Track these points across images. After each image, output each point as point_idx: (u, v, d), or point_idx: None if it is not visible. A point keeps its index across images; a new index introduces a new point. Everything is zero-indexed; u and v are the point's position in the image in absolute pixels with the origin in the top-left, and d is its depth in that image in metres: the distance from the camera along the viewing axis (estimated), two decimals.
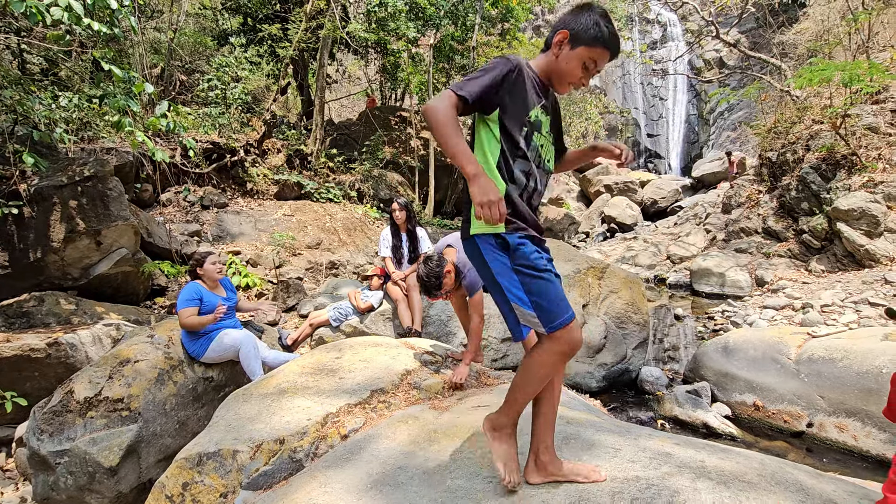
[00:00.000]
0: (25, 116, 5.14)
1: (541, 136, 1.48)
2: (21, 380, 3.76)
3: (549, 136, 1.54)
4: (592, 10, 1.41)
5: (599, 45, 1.40)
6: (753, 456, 1.79)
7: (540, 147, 1.48)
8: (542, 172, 1.50)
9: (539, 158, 1.49)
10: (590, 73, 1.45)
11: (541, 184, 1.50)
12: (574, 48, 1.41)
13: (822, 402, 3.68)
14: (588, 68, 1.43)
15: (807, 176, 7.51)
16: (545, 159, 1.52)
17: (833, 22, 10.51)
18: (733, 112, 20.83)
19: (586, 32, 1.39)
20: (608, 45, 1.40)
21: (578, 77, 1.44)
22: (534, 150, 1.46)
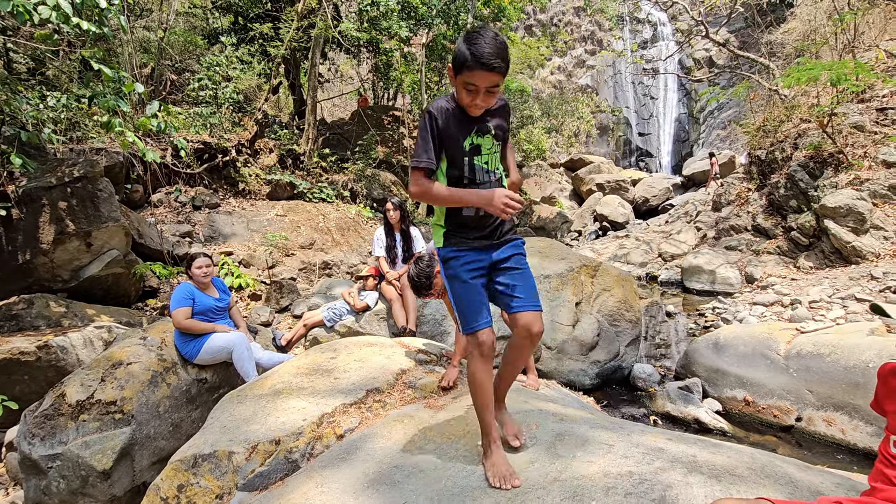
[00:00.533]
0: (12, 117, 5.07)
1: (482, 156, 1.64)
2: (11, 383, 3.72)
3: (494, 149, 1.67)
4: (462, 37, 1.49)
5: (466, 69, 1.46)
6: (744, 450, 1.82)
7: (485, 164, 1.65)
8: (494, 184, 1.67)
9: (487, 174, 1.66)
10: (476, 93, 1.50)
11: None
12: (456, 77, 1.52)
13: (810, 397, 3.74)
14: (471, 91, 1.50)
15: (795, 174, 7.61)
16: (493, 171, 1.68)
17: (820, 22, 10.65)
18: (723, 111, 21.04)
19: (456, 60, 1.49)
20: (472, 63, 1.45)
21: (468, 101, 1.53)
22: (479, 171, 1.64)
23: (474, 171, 1.63)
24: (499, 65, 1.44)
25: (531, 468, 1.62)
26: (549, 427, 1.90)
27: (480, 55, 1.43)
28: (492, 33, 1.47)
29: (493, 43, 1.45)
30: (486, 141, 1.63)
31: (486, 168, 1.65)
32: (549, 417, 2.00)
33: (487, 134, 1.63)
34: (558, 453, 1.68)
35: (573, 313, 4.69)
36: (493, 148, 1.65)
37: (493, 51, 1.44)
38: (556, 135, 14.97)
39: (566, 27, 26.76)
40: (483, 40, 1.45)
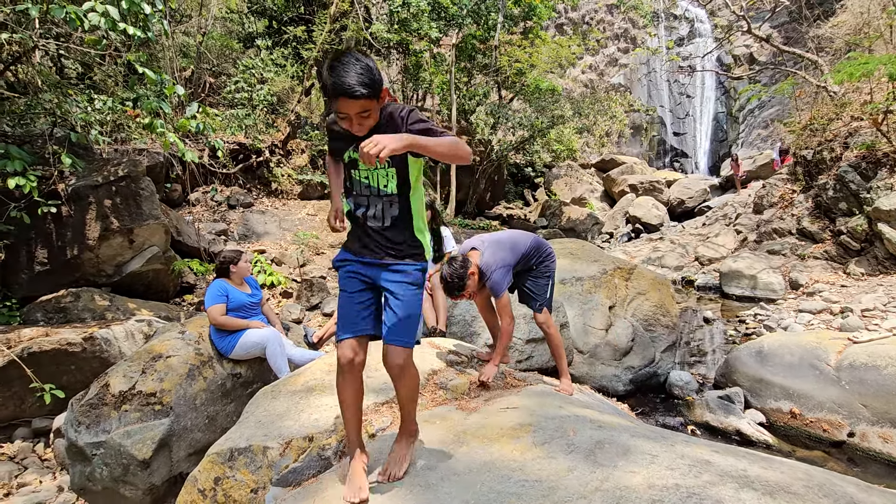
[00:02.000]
0: (63, 119, 5.33)
1: (360, 171, 1.63)
2: (59, 373, 3.89)
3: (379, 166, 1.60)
4: (326, 65, 1.43)
5: (332, 99, 1.44)
6: (798, 466, 1.70)
7: (365, 179, 1.63)
8: (374, 199, 1.64)
9: (367, 190, 1.64)
10: (349, 120, 1.47)
11: (375, 208, 1.64)
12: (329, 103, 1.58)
13: (864, 411, 3.52)
14: (343, 118, 1.48)
15: (845, 175, 7.20)
16: (375, 187, 1.63)
17: (873, 14, 10.07)
18: (765, 109, 20.19)
19: (323, 89, 1.46)
20: (333, 93, 1.41)
21: (346, 126, 1.50)
22: (357, 184, 1.65)
23: (353, 183, 1.66)
24: (362, 92, 1.39)
25: (570, 476, 1.56)
26: (586, 434, 1.83)
27: (341, 84, 1.38)
28: (353, 58, 1.41)
29: (353, 69, 1.39)
30: None
31: (365, 183, 1.62)
32: (586, 424, 1.93)
33: None
34: (598, 462, 1.61)
35: (606, 317, 4.57)
36: (371, 169, 1.61)
37: (356, 78, 1.38)
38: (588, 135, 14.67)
39: (598, 25, 26.27)
40: (343, 68, 1.39)
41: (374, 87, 1.42)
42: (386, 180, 1.61)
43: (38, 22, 4.37)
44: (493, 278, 2.67)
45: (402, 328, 1.61)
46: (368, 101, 1.43)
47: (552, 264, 2.95)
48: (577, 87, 23.51)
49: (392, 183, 1.62)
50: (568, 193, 17.47)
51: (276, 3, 12.07)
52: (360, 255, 1.67)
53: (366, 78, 1.40)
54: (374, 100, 1.44)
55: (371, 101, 1.43)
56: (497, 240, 2.84)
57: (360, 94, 1.40)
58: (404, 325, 1.61)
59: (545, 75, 15.22)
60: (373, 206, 1.63)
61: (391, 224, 1.64)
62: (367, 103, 1.43)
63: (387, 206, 1.63)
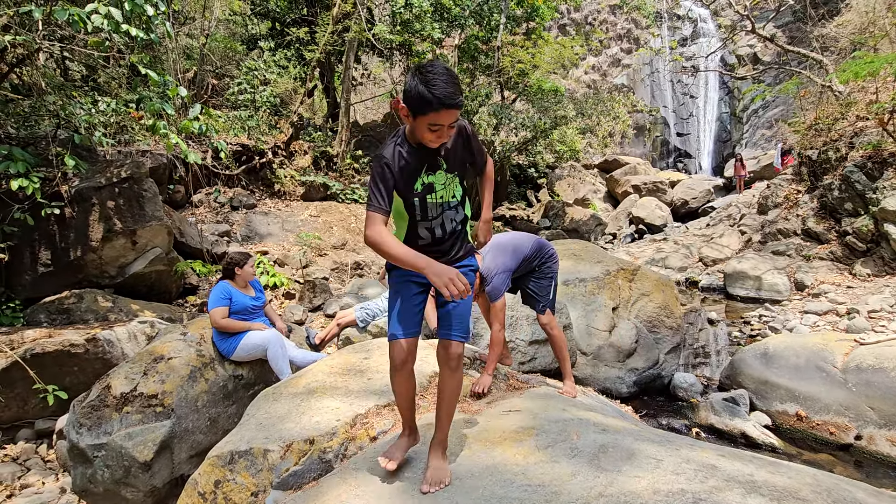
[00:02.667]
0: (67, 121, 5.34)
1: (435, 193, 1.65)
2: (62, 374, 3.89)
3: (449, 179, 1.66)
4: (415, 77, 1.43)
5: (430, 111, 1.42)
6: (805, 470, 1.67)
7: (439, 199, 1.66)
8: (450, 212, 1.69)
9: (440, 208, 1.67)
10: (441, 131, 1.47)
11: (450, 220, 1.70)
12: (415, 118, 1.47)
13: (872, 414, 3.48)
14: (435, 130, 1.47)
15: (851, 175, 7.15)
16: (448, 201, 1.68)
17: (878, 13, 10.00)
18: (769, 109, 20.09)
19: (413, 103, 1.44)
20: (437, 105, 1.40)
21: (432, 139, 1.50)
22: (431, 207, 1.65)
23: (426, 209, 1.65)
24: (460, 101, 1.43)
25: (573, 481, 1.54)
26: (590, 437, 1.81)
27: (443, 96, 1.40)
28: (443, 68, 1.43)
29: (449, 79, 1.42)
30: (438, 177, 1.64)
31: (440, 202, 1.66)
32: (590, 427, 1.91)
33: (439, 170, 1.63)
34: (602, 466, 1.59)
35: (610, 318, 4.54)
36: (447, 181, 1.65)
37: (453, 88, 1.42)
38: (591, 135, 14.61)
39: (601, 25, 26.21)
40: (440, 79, 1.40)
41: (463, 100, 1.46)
42: (455, 191, 1.69)
43: (41, 24, 4.38)
44: (492, 283, 2.66)
45: (464, 324, 1.67)
46: (459, 111, 1.47)
47: (555, 265, 2.92)
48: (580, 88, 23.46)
49: (458, 192, 1.71)
50: (571, 194, 17.42)
51: (278, 5, 12.10)
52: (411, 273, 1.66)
53: (459, 85, 1.45)
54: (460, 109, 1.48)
55: (460, 111, 1.47)
56: (499, 243, 2.82)
57: (460, 103, 1.44)
58: (466, 320, 1.69)
59: (548, 76, 15.19)
60: (448, 220, 1.69)
61: (455, 229, 1.72)
62: (458, 113, 1.47)
63: (454, 215, 1.71)
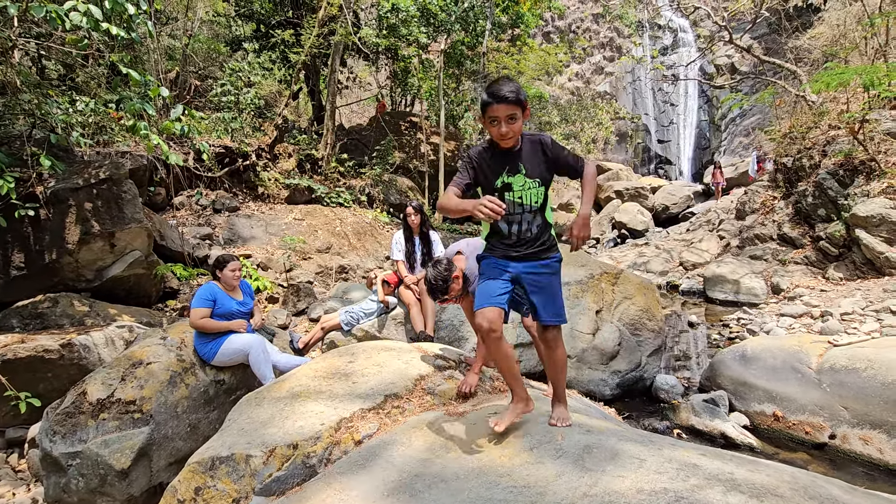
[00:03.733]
0: (43, 120, 5.20)
1: (514, 192, 1.93)
2: (35, 381, 3.77)
3: (529, 185, 1.94)
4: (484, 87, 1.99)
5: (487, 106, 1.83)
6: (784, 469, 1.72)
7: (518, 199, 1.94)
8: (527, 215, 1.97)
9: (521, 207, 1.95)
10: (499, 124, 1.82)
11: (527, 223, 1.98)
12: (484, 118, 1.88)
13: (845, 413, 3.58)
14: (495, 123, 1.83)
15: (824, 182, 7.38)
16: (528, 204, 1.96)
17: (849, 26, 10.38)
18: (746, 117, 20.64)
19: (482, 105, 1.88)
20: (489, 99, 1.81)
21: (496, 133, 1.84)
22: (510, 204, 1.93)
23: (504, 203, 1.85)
24: (511, 96, 1.77)
25: (558, 481, 1.55)
26: (575, 438, 1.82)
27: (494, 91, 1.79)
28: (506, 78, 1.86)
29: (506, 82, 1.81)
30: (517, 179, 1.92)
31: (518, 202, 1.93)
32: (574, 428, 1.93)
33: (518, 173, 1.92)
34: (587, 467, 1.60)
35: (593, 321, 4.59)
36: (526, 185, 1.93)
37: (506, 87, 1.78)
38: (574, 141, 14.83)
39: (584, 34, 26.64)
40: (498, 83, 1.81)
41: (519, 97, 1.79)
42: (537, 197, 1.95)
43: (16, 20, 4.27)
44: (477, 284, 2.67)
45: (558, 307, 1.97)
46: (515, 108, 1.79)
47: None
48: (564, 95, 23.79)
49: (540, 199, 1.96)
50: (555, 199, 17.61)
51: (263, 6, 12.02)
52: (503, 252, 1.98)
53: (516, 88, 1.80)
54: (519, 107, 1.80)
55: (517, 107, 1.79)
56: (482, 245, 2.84)
57: (510, 97, 1.77)
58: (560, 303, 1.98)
59: (533, 82, 15.36)
60: (525, 222, 1.96)
61: (538, 232, 1.97)
62: (514, 109, 1.79)
63: (534, 219, 1.97)
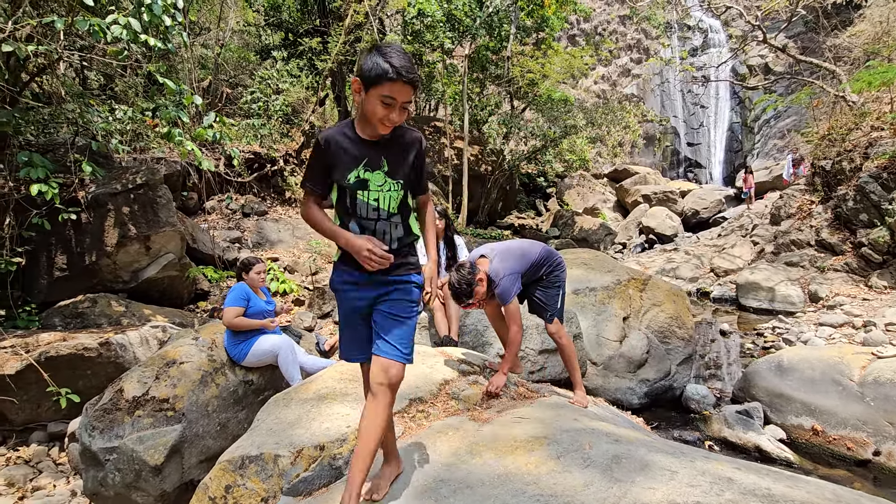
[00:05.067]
0: (85, 128, 5.45)
1: (369, 191, 1.56)
2: (75, 377, 3.94)
3: (389, 185, 1.58)
4: (372, 51, 1.45)
5: (386, 80, 1.41)
6: (824, 485, 1.64)
7: (371, 201, 1.57)
8: (383, 224, 1.60)
9: (374, 212, 1.58)
10: (394, 107, 1.45)
11: (383, 234, 1.60)
12: (367, 91, 1.46)
13: (891, 429, 3.39)
14: (387, 104, 1.44)
15: (866, 185, 7.05)
16: (383, 210, 1.59)
17: (892, 23, 9.93)
18: (780, 119, 19.94)
19: (370, 73, 1.43)
20: (394, 77, 1.40)
21: (381, 115, 1.46)
22: (362, 206, 1.57)
23: (356, 206, 1.57)
24: (416, 78, 1.44)
25: (586, 491, 1.52)
26: (603, 448, 1.78)
27: (401, 67, 1.40)
28: (400, 47, 1.45)
29: (407, 57, 1.44)
30: (375, 177, 1.56)
31: (373, 206, 1.57)
32: (602, 437, 1.89)
33: (378, 170, 1.56)
34: (616, 477, 1.57)
35: (620, 328, 4.50)
36: (385, 185, 1.57)
37: (410, 64, 1.43)
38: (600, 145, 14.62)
39: (611, 36, 26.29)
40: (398, 54, 1.42)
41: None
42: (394, 202, 1.60)
43: (62, 34, 4.50)
44: (501, 285, 2.65)
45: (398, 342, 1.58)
46: (414, 93, 1.46)
47: (562, 274, 2.92)
48: (590, 98, 23.49)
49: (397, 204, 1.61)
50: (580, 203, 17.37)
51: (292, 16, 12.31)
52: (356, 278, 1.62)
53: (415, 68, 1.45)
54: (415, 91, 1.47)
55: (415, 91, 1.47)
56: (506, 248, 2.82)
57: (416, 79, 1.44)
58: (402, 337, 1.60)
59: (557, 86, 15.23)
60: (380, 233, 1.60)
61: (393, 247, 1.61)
62: (413, 94, 1.46)
63: (391, 229, 1.61)
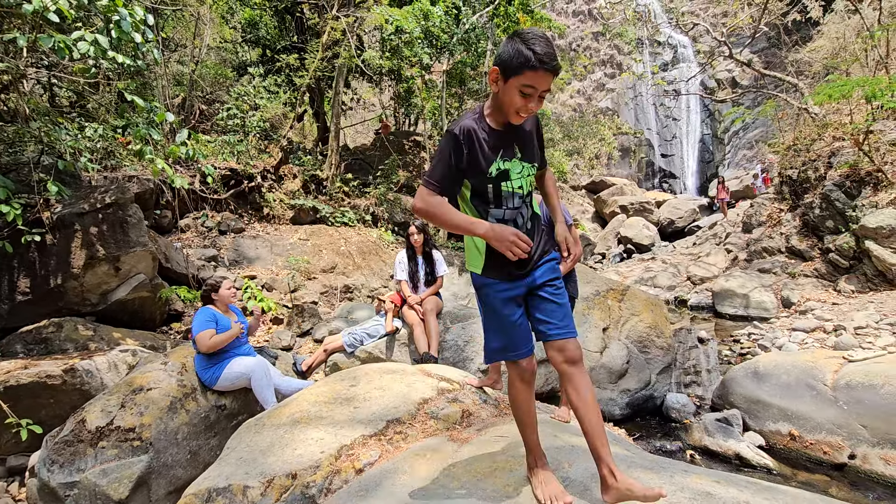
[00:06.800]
0: (51, 146, 5.29)
1: (511, 181, 1.54)
2: (36, 407, 3.74)
3: (526, 170, 1.58)
4: (513, 38, 1.40)
5: (527, 69, 1.37)
6: (802, 495, 1.64)
7: (516, 189, 1.55)
8: (524, 207, 1.59)
9: (519, 199, 1.58)
10: (533, 97, 1.41)
11: (523, 218, 1.60)
12: (507, 80, 1.41)
13: (864, 432, 3.46)
14: (527, 94, 1.41)
15: (830, 193, 7.31)
16: (524, 195, 1.59)
17: (849, 39, 10.43)
18: (749, 130, 20.67)
19: (511, 62, 1.39)
20: (536, 65, 1.36)
21: (519, 105, 1.43)
22: (507, 197, 1.55)
23: (500, 197, 1.54)
24: (559, 66, 1.39)
25: None
26: (582, 466, 1.76)
27: (544, 55, 1.34)
28: (542, 33, 1.39)
29: (550, 44, 1.38)
30: (514, 165, 1.54)
31: (518, 193, 1.56)
32: (581, 455, 1.86)
33: (514, 157, 1.54)
34: (594, 497, 1.54)
35: (601, 339, 4.51)
36: (524, 171, 1.56)
37: (553, 51, 1.37)
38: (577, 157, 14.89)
39: (585, 51, 26.99)
40: (541, 41, 1.36)
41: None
42: (530, 184, 1.59)
43: (26, 51, 4.38)
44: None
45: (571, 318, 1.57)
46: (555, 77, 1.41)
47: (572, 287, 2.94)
48: (567, 112, 23.98)
49: (531, 186, 1.62)
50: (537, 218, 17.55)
51: (269, 32, 12.30)
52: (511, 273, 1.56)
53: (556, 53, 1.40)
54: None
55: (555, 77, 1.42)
56: None
57: (559, 68, 1.40)
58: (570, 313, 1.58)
59: None
60: (521, 216, 1.58)
61: (532, 226, 1.62)
62: (553, 80, 1.41)
63: (526, 210, 1.60)
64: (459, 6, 11.87)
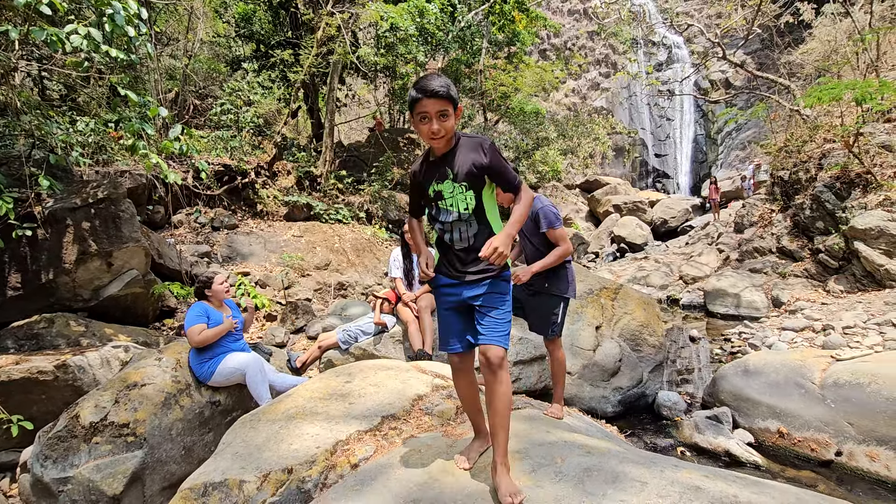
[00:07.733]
0: (43, 140, 5.23)
1: (445, 200, 1.84)
2: (28, 403, 3.72)
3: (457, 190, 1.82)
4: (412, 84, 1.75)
5: (414, 102, 1.70)
6: (788, 490, 1.68)
7: (449, 207, 1.84)
8: (460, 223, 1.85)
9: (451, 216, 1.85)
10: (430, 121, 1.70)
11: (460, 232, 1.86)
12: (413, 119, 1.76)
13: (850, 430, 3.52)
14: (424, 120, 1.71)
15: (821, 194, 7.41)
16: (457, 212, 1.84)
17: (840, 42, 10.55)
18: (741, 131, 20.85)
19: (409, 104, 1.76)
20: (417, 96, 1.68)
21: (424, 131, 1.73)
22: (444, 212, 1.86)
23: (439, 212, 1.87)
24: (441, 90, 1.66)
25: None
26: (575, 461, 1.79)
27: (423, 86, 1.67)
28: (436, 74, 1.74)
29: (435, 77, 1.69)
30: (446, 186, 1.82)
31: (448, 209, 1.84)
32: (574, 450, 1.89)
33: (446, 179, 1.81)
34: (587, 490, 1.57)
35: (593, 337, 4.55)
36: (455, 191, 1.81)
37: (435, 81, 1.67)
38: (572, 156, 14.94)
39: (580, 51, 27.07)
40: (427, 78, 1.69)
41: (451, 92, 1.69)
42: (466, 203, 1.82)
43: (17, 44, 4.33)
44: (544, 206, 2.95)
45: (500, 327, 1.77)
46: (447, 103, 1.69)
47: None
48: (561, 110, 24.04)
49: (471, 204, 1.83)
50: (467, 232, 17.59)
51: (263, 27, 12.22)
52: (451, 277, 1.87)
53: (447, 84, 1.70)
54: (451, 104, 1.70)
55: (449, 103, 1.69)
56: None
57: (442, 92, 1.66)
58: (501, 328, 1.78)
59: (529, 98, 15.54)
60: (457, 232, 1.85)
61: (475, 241, 1.84)
62: (446, 104, 1.68)
63: (465, 227, 1.85)
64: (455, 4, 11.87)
